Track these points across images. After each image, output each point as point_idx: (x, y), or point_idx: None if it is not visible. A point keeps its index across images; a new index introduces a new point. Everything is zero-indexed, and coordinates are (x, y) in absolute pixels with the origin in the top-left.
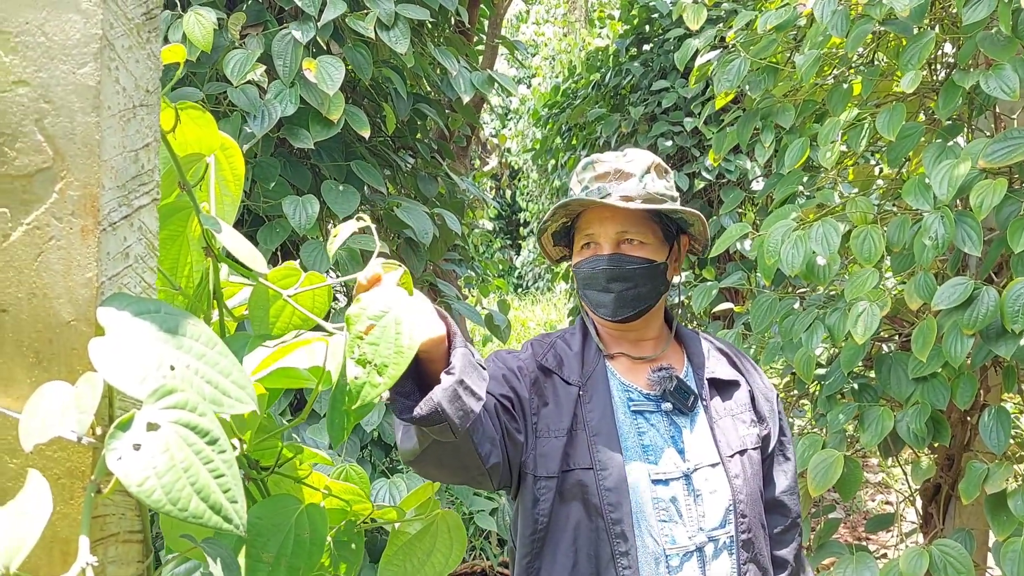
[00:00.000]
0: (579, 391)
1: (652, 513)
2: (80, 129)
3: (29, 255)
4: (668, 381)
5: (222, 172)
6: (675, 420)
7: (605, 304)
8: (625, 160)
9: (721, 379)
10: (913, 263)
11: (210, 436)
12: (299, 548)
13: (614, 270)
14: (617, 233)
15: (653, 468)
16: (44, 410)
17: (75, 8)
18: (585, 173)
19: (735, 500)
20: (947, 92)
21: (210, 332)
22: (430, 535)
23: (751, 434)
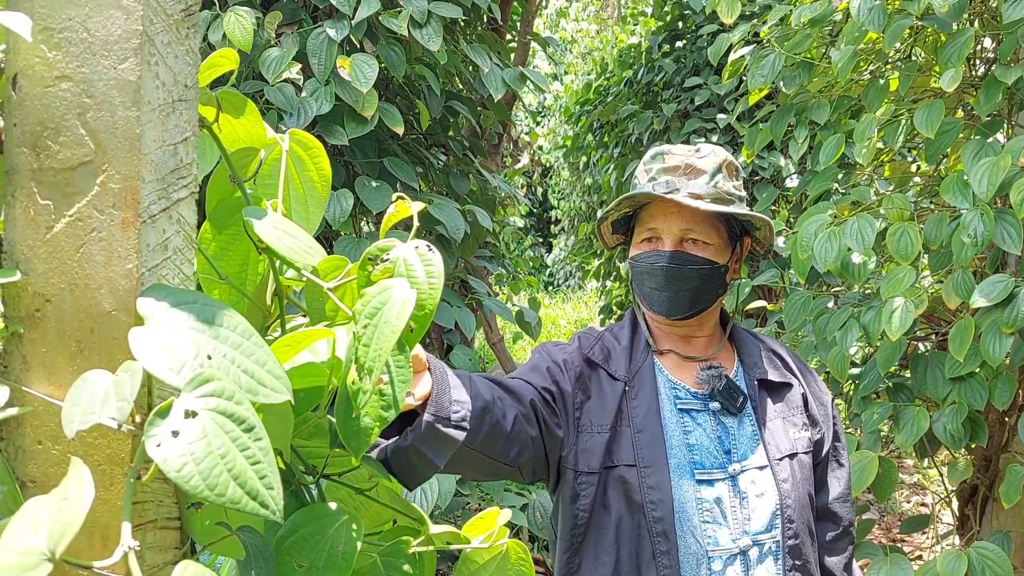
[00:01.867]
0: (625, 386)
1: (695, 513)
2: (121, 123)
3: (71, 246)
4: (717, 380)
5: (308, 173)
6: (723, 420)
7: (661, 302)
8: (698, 156)
9: (773, 381)
10: (951, 261)
11: (247, 424)
12: (331, 561)
13: (675, 269)
14: (681, 231)
15: (698, 468)
16: (85, 398)
17: (116, 4)
18: (653, 163)
19: (782, 504)
20: (988, 88)
21: (246, 323)
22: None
23: (802, 438)
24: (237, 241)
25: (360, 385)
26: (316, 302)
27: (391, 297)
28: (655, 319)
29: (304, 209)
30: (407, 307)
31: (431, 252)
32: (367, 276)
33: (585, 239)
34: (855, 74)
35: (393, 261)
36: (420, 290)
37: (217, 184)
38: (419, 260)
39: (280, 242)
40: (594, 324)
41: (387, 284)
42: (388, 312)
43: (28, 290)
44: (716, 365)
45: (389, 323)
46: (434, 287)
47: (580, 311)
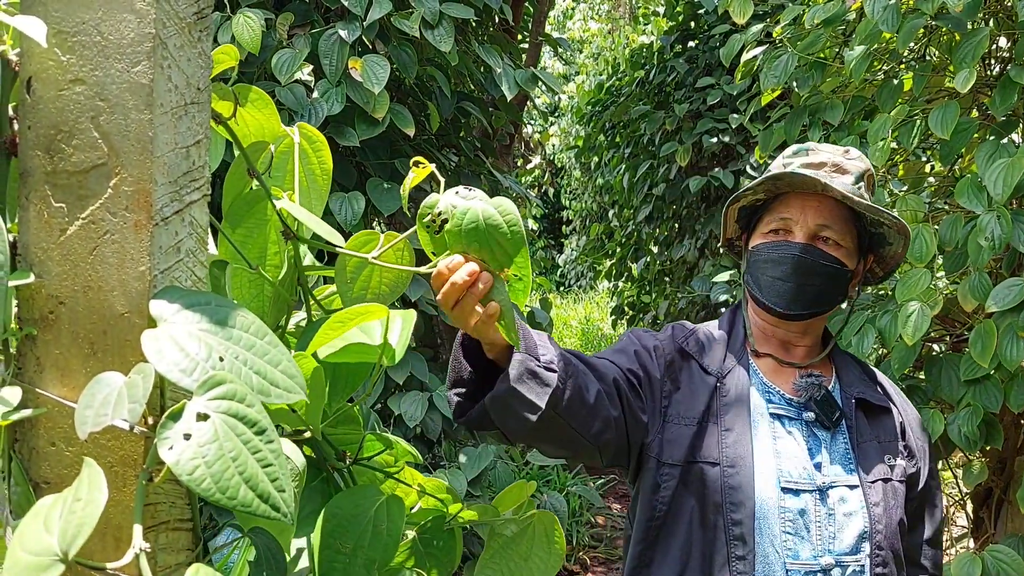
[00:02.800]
0: (717, 382)
1: (777, 522)
2: (134, 126)
3: (85, 249)
4: (816, 389)
5: (310, 166)
6: (815, 432)
7: (782, 293)
8: (846, 156)
9: (871, 403)
10: (966, 262)
11: (258, 426)
12: (376, 540)
13: (805, 261)
14: (817, 226)
15: (784, 476)
16: (98, 400)
17: (129, 8)
18: (795, 158)
19: (872, 528)
20: (1003, 89)
21: (259, 323)
22: (527, 538)
23: (898, 466)
24: (256, 232)
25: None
26: (345, 281)
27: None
28: (761, 315)
29: (307, 201)
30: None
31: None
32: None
33: (597, 239)
34: (869, 74)
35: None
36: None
37: (233, 181)
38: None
39: (317, 227)
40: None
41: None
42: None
43: (42, 292)
44: (816, 374)
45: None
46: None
47: (592, 311)
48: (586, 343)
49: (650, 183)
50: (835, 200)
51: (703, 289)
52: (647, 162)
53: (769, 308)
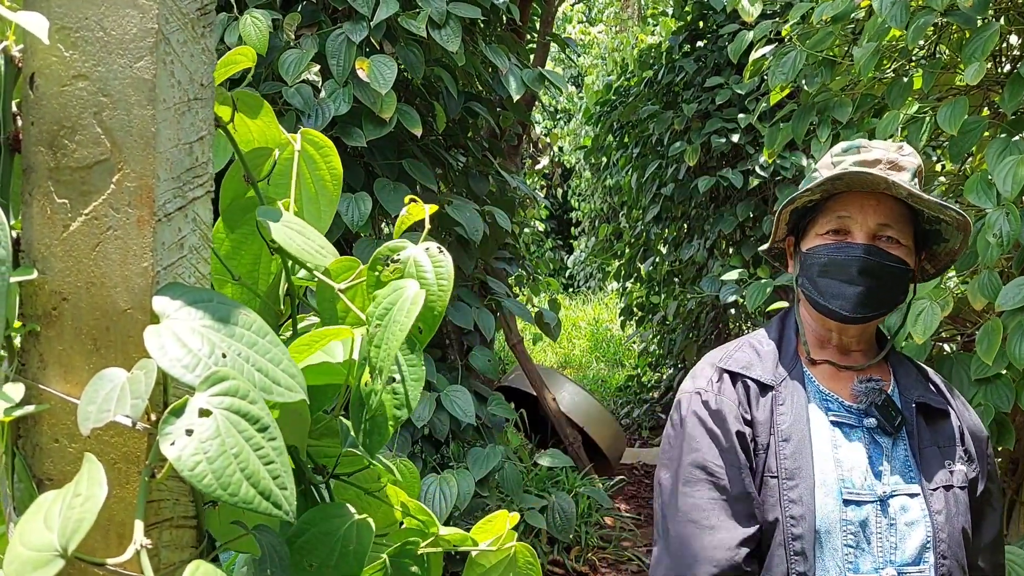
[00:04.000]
0: (772, 392)
1: (838, 535)
2: (136, 122)
3: (88, 245)
4: (876, 394)
5: (319, 172)
6: (877, 439)
7: (846, 297)
8: (900, 152)
9: (931, 406)
10: (976, 261)
11: (261, 423)
12: (343, 560)
13: (870, 263)
14: (878, 225)
15: (846, 487)
16: (101, 396)
17: (132, 3)
18: (846, 156)
19: (935, 537)
20: (1012, 86)
21: (261, 322)
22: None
23: (959, 471)
24: (249, 240)
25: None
26: (327, 302)
27: (401, 297)
28: (821, 322)
29: (316, 208)
30: (415, 307)
31: (442, 253)
32: (377, 277)
33: (606, 240)
34: (878, 72)
35: (403, 262)
36: (430, 291)
37: (231, 182)
38: (429, 261)
39: (292, 243)
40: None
41: (398, 285)
42: (398, 312)
43: (45, 288)
44: (876, 378)
45: (398, 323)
46: (444, 288)
47: (600, 313)
48: (595, 344)
49: (659, 183)
50: (893, 198)
51: (712, 289)
52: (655, 162)
53: (833, 312)
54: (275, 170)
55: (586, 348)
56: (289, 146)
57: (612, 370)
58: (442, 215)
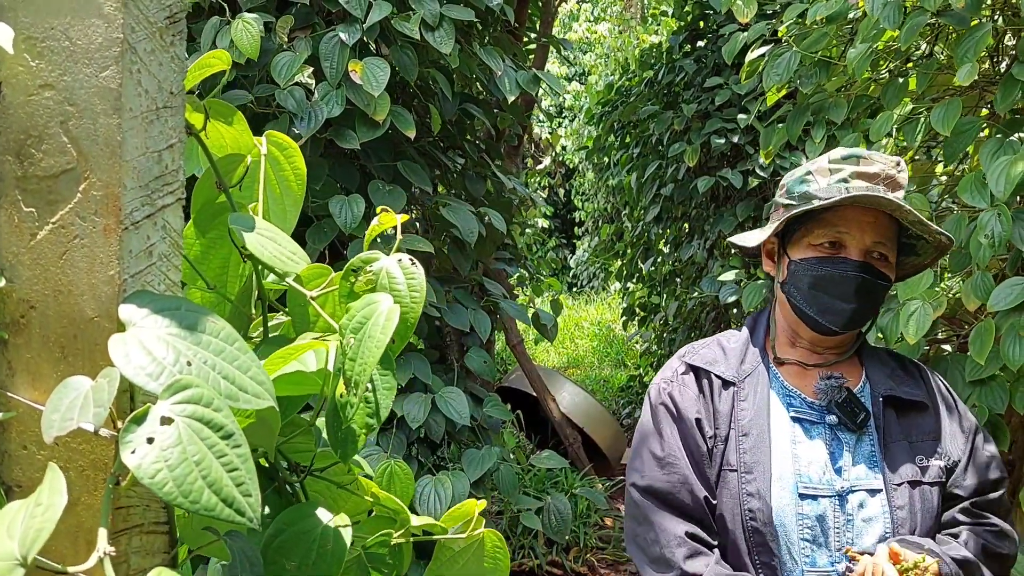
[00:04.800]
0: (735, 387)
1: (794, 529)
2: (102, 131)
3: (55, 253)
4: (836, 391)
5: (283, 173)
6: (839, 435)
7: (838, 312)
8: (897, 169)
9: (902, 399)
10: (970, 262)
11: (225, 430)
12: (321, 560)
13: (867, 282)
14: (873, 243)
15: (803, 481)
16: (65, 404)
17: (97, 13)
18: (845, 164)
19: (894, 533)
20: (1006, 86)
21: (230, 329)
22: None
23: (931, 466)
24: (220, 244)
25: (348, 397)
26: (298, 308)
27: (376, 311)
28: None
29: (281, 208)
30: (391, 322)
31: (414, 265)
32: (350, 287)
33: (608, 240)
34: (874, 73)
35: (376, 273)
36: (402, 303)
37: (202, 188)
38: (402, 273)
39: (264, 250)
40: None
41: (372, 299)
42: (373, 327)
43: (13, 296)
44: (837, 376)
45: (374, 338)
46: (416, 300)
47: (603, 313)
48: (599, 345)
49: (659, 183)
50: (886, 215)
51: (712, 290)
52: (656, 162)
53: (822, 327)
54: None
55: (589, 348)
56: (256, 150)
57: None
58: (437, 217)
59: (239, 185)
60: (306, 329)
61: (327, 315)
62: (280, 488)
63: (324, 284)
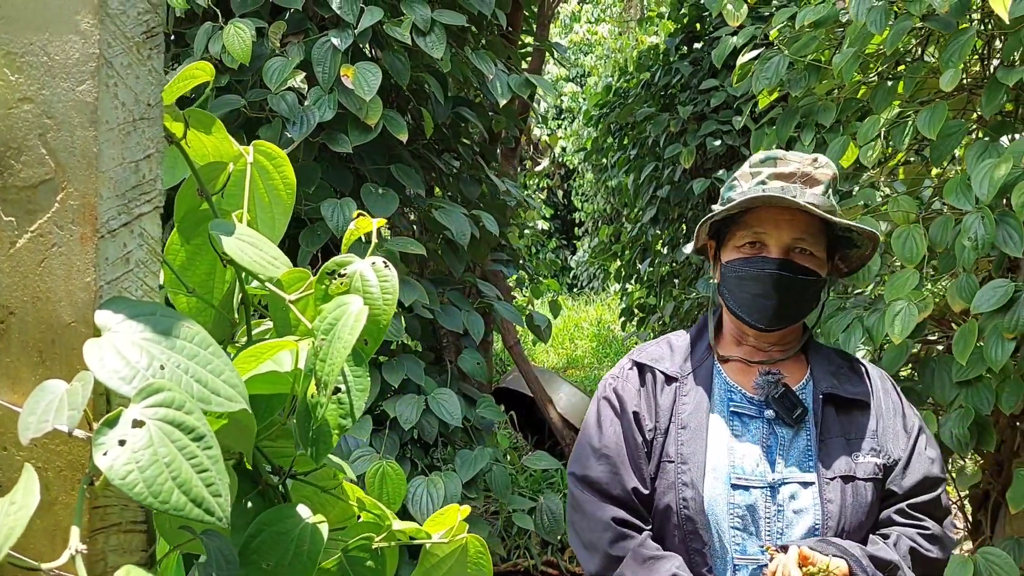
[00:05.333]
0: (677, 383)
1: (725, 517)
2: (79, 143)
3: (33, 261)
4: (773, 387)
5: (272, 181)
6: (776, 430)
7: (763, 310)
8: (814, 165)
9: (842, 397)
10: (955, 264)
11: (196, 432)
12: (296, 561)
13: (785, 278)
14: (792, 240)
15: (736, 472)
16: (42, 406)
17: (75, 29)
18: (763, 167)
19: (824, 525)
20: (991, 89)
21: (204, 333)
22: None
23: (867, 463)
24: (204, 251)
25: (318, 397)
26: (280, 312)
27: (345, 313)
28: (742, 325)
29: (269, 217)
30: (359, 323)
31: (387, 268)
32: (324, 290)
33: (607, 241)
34: (863, 77)
35: (350, 276)
36: (374, 305)
37: (185, 195)
38: (375, 276)
39: (244, 255)
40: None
41: (343, 300)
42: (342, 328)
43: None
44: (775, 372)
45: (343, 339)
46: (388, 302)
47: (603, 313)
48: (599, 345)
49: (655, 185)
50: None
51: (707, 291)
52: (652, 164)
53: (750, 324)
54: (230, 182)
55: (588, 349)
56: (243, 158)
57: None
58: (430, 219)
59: (222, 192)
60: (288, 333)
61: (306, 319)
62: (264, 491)
63: (303, 288)
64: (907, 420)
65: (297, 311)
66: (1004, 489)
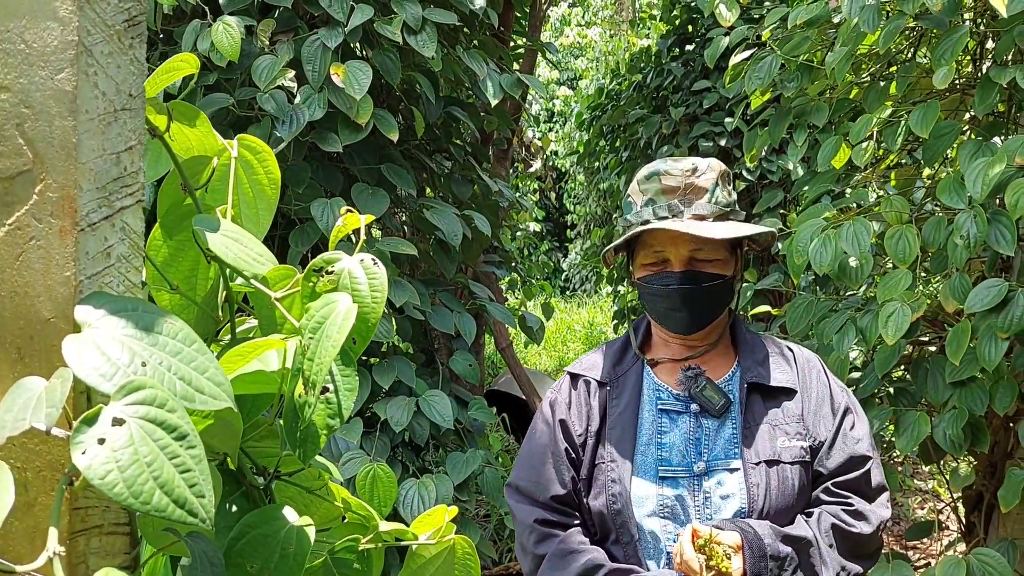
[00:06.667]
0: (608, 388)
1: (656, 510)
2: (58, 133)
3: (11, 255)
4: (693, 382)
5: (257, 176)
6: (702, 422)
7: (678, 321)
8: (696, 175)
9: (768, 386)
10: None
11: (178, 431)
12: (283, 563)
13: (689, 289)
14: (691, 251)
15: (663, 465)
16: (19, 404)
17: (53, 16)
18: (649, 184)
19: (750, 509)
20: (983, 88)
21: (188, 330)
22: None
23: (793, 447)
24: (187, 246)
25: (306, 397)
26: (265, 309)
27: (333, 311)
28: (664, 333)
29: (254, 212)
30: (348, 322)
31: (376, 266)
32: (311, 287)
33: (599, 244)
34: (856, 77)
35: (338, 273)
36: (363, 303)
37: (168, 190)
38: (363, 273)
39: (229, 251)
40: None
41: (331, 298)
42: (330, 327)
43: None
44: (695, 367)
45: (331, 338)
46: (377, 300)
47: (595, 315)
48: (590, 347)
49: None
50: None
51: None
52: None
53: (670, 332)
54: (214, 176)
55: (580, 351)
56: (226, 152)
57: None
58: (421, 219)
59: (206, 187)
60: (273, 331)
61: (292, 317)
62: (248, 492)
63: (289, 285)
64: (835, 402)
65: (283, 309)
66: (997, 490)
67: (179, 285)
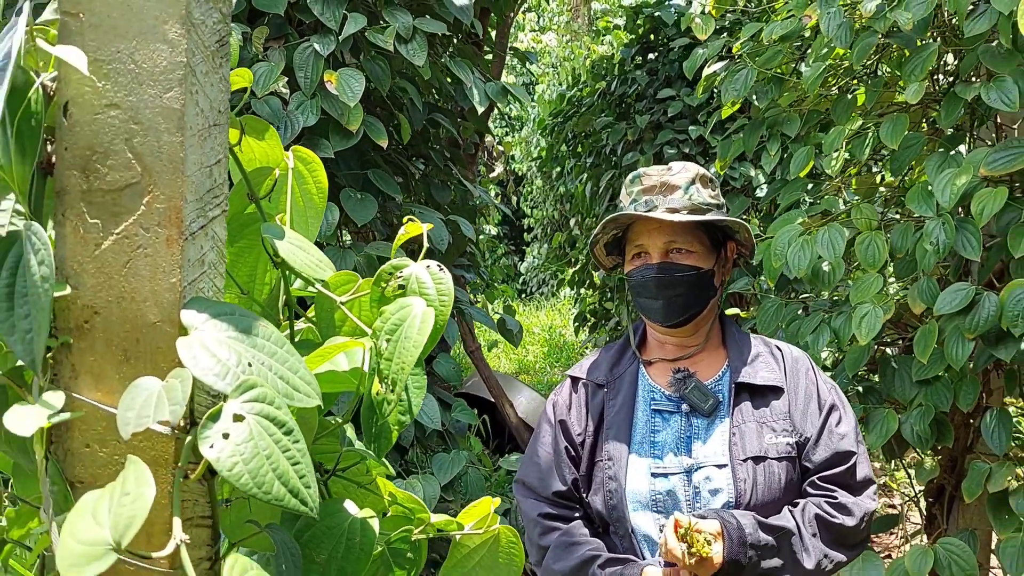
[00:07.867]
0: (605, 389)
1: (648, 504)
2: (166, 148)
3: (119, 262)
4: (683, 384)
5: (306, 185)
6: (693, 421)
7: (656, 310)
8: (670, 173)
9: (755, 384)
10: (916, 269)
11: (287, 427)
12: (349, 553)
13: (663, 278)
14: (665, 243)
15: (656, 463)
16: (139, 402)
17: (163, 39)
18: (633, 186)
19: (737, 503)
20: (949, 103)
21: (279, 333)
22: (489, 551)
23: (779, 443)
24: (247, 252)
25: (384, 396)
26: (325, 313)
27: (410, 315)
28: (654, 328)
29: (304, 220)
30: (427, 325)
31: (442, 271)
32: (380, 292)
33: (559, 248)
34: (824, 89)
35: (406, 278)
36: (433, 307)
37: (232, 199)
38: (431, 278)
39: (296, 257)
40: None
41: (405, 302)
42: (409, 329)
43: (77, 303)
44: (684, 369)
45: (411, 339)
46: (444, 304)
47: (554, 319)
48: (550, 351)
49: (612, 192)
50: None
51: None
52: (609, 172)
53: (654, 323)
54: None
55: (540, 354)
56: (284, 163)
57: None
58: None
59: (269, 196)
60: (332, 333)
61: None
62: None
63: (353, 289)
64: (821, 399)
65: (347, 311)
66: (958, 483)
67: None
